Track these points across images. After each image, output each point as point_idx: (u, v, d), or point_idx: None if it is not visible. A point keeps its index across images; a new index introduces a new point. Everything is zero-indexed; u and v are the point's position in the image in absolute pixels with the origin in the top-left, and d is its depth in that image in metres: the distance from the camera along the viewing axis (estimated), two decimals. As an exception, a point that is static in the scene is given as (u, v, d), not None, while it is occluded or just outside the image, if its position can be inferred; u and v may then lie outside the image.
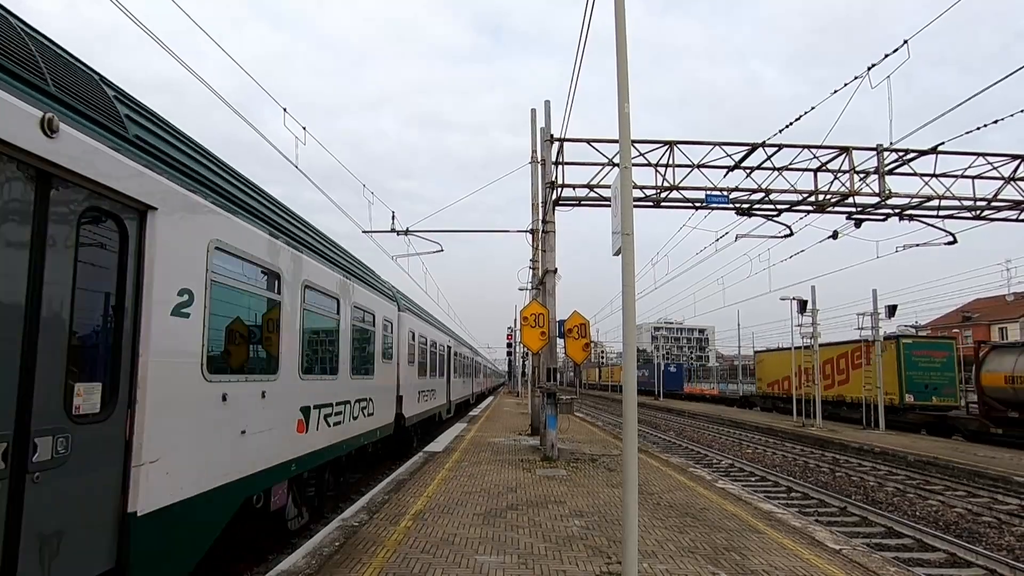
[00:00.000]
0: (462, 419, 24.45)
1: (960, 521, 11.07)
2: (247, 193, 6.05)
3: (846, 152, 14.61)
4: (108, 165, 3.70)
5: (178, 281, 4.42)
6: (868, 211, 15.29)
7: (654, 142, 14.48)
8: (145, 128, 4.40)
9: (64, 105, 3.48)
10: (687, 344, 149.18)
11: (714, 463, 18.07)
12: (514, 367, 57.56)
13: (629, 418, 4.83)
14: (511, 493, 9.14)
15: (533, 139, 15.83)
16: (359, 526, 7.02)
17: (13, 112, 3.03)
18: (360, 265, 10.74)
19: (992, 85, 10.39)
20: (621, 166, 5.07)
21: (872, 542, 9.22)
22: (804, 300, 26.73)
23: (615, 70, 4.93)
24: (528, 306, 13.96)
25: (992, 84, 10.41)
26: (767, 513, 8.28)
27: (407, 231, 17.06)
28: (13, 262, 3.08)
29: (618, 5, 4.92)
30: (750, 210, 15.18)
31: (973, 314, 63.38)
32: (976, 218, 15.47)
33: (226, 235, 5.24)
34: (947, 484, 14.41)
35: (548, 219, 14.51)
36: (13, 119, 3.02)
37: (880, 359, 25.71)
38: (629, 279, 4.95)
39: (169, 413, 4.26)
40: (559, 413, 13.51)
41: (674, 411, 41.36)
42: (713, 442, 23.96)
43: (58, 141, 3.29)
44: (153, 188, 4.16)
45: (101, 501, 3.66)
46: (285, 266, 6.58)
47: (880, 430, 24.70)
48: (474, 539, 6.56)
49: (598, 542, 6.54)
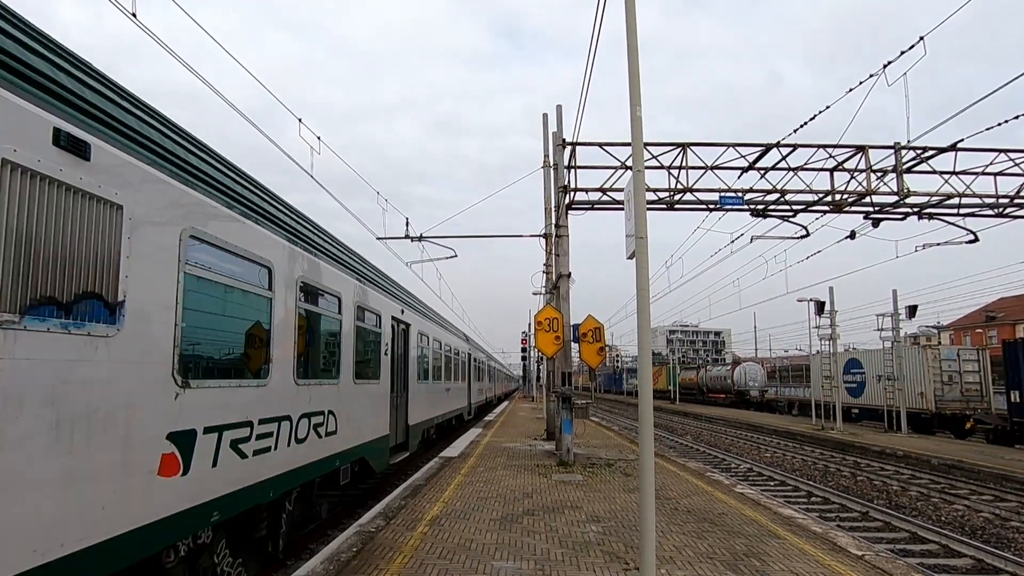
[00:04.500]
0: (478, 424, 24.46)
1: (987, 526, 10.82)
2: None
3: (862, 151, 14.41)
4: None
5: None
6: (886, 210, 15.06)
7: (667, 144, 14.41)
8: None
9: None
10: (703, 347, 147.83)
11: (732, 467, 17.87)
12: (529, 371, 57.51)
13: (645, 421, 4.79)
14: (527, 498, 9.11)
15: (545, 143, 15.86)
16: (376, 532, 7.04)
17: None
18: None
19: (1015, 79, 10.17)
20: (634, 169, 5.06)
21: (896, 548, 9.05)
22: (822, 301, 26.39)
23: (627, 74, 4.93)
24: (542, 310, 13.95)
25: (1015, 78, 10.20)
26: (787, 518, 8.16)
27: (421, 237, 17.14)
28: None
29: (629, 10, 4.92)
30: (765, 211, 15.03)
31: (997, 313, 62.09)
32: (999, 216, 15.15)
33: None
34: (973, 488, 14.11)
35: (561, 223, 14.50)
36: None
37: (902, 360, 25.16)
38: (644, 282, 4.93)
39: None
40: (574, 417, 13.46)
41: (691, 415, 40.97)
42: (731, 446, 23.70)
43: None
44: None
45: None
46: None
47: (903, 433, 24.26)
48: (490, 545, 6.54)
49: (615, 548, 6.49)
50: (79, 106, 3.64)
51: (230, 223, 5.22)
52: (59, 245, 3.30)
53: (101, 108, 3.87)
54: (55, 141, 3.28)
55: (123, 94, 4.39)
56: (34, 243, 3.14)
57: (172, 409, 4.23)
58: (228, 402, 5.08)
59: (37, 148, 3.17)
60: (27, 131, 3.14)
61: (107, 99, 4.04)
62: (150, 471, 3.99)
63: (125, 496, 3.73)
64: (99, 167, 3.63)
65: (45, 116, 3.27)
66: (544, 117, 16.06)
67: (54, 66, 3.63)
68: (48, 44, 3.74)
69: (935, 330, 67.51)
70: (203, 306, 4.76)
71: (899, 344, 25.95)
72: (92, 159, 3.56)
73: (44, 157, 3.21)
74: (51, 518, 3.17)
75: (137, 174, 3.99)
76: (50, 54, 3.67)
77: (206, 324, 4.85)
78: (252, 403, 5.49)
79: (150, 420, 4.00)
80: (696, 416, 39.41)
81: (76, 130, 3.46)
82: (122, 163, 3.86)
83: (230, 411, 5.08)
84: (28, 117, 3.16)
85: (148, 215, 4.07)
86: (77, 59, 4.02)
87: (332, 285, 7.81)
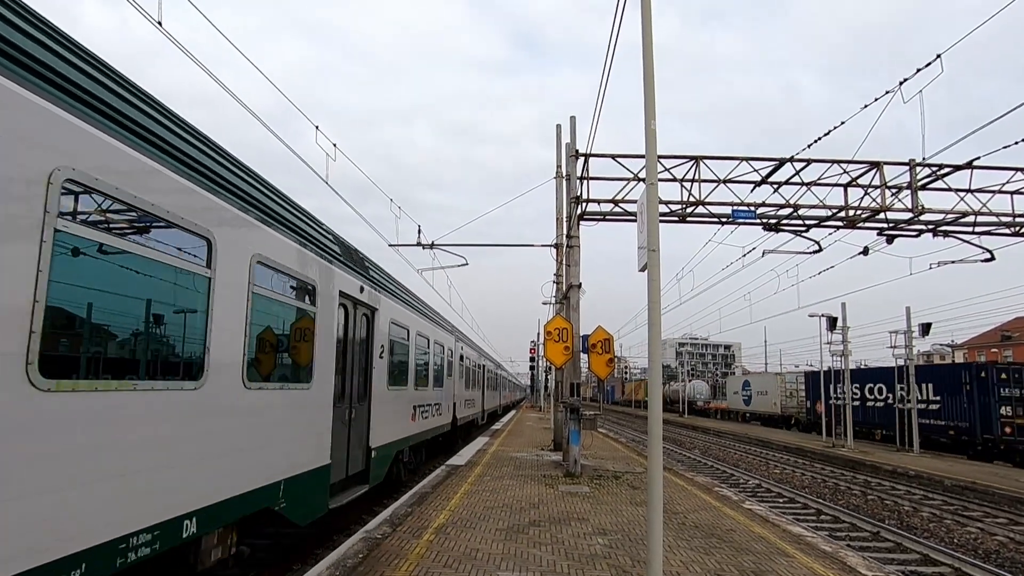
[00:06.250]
0: (484, 433, 24.40)
1: (1001, 550, 10.61)
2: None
3: (877, 167, 14.34)
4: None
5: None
6: (900, 227, 14.95)
7: (680, 157, 14.43)
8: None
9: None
10: (712, 360, 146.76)
11: (740, 483, 17.68)
12: (537, 381, 57.35)
13: (654, 434, 4.78)
14: (533, 509, 9.07)
15: (558, 154, 15.93)
16: (382, 538, 7.04)
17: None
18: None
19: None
20: (647, 182, 5.08)
21: (907, 569, 8.91)
22: (834, 317, 26.15)
23: (642, 87, 4.96)
24: (552, 320, 13.95)
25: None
26: (796, 536, 8.06)
27: (432, 245, 17.25)
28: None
29: (645, 24, 4.97)
30: (778, 225, 14.97)
31: (1013, 333, 61.20)
32: (1016, 234, 15.00)
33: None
34: (987, 511, 13.85)
35: (572, 234, 14.53)
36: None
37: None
38: (655, 295, 4.94)
39: None
40: (582, 429, 13.40)
41: (699, 428, 40.80)
42: (739, 461, 23.46)
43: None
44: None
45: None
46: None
47: (915, 452, 23.93)
48: (496, 555, 6.52)
49: (621, 561, 6.44)
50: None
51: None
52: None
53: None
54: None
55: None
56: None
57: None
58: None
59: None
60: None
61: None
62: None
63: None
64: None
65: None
66: (558, 128, 16.17)
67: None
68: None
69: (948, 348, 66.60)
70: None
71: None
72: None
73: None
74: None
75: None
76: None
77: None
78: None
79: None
80: (705, 430, 39.33)
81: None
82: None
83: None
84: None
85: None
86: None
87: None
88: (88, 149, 3.55)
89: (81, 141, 3.50)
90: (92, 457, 3.55)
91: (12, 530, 2.99)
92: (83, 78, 3.76)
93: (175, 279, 4.46)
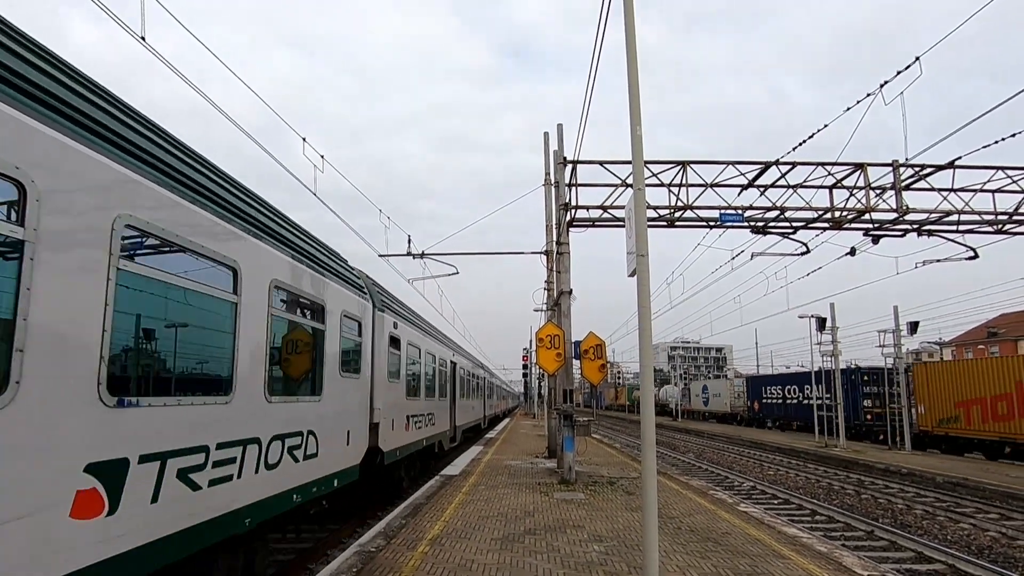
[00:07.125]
0: (478, 442, 24.28)
1: (994, 545, 10.69)
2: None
3: (861, 168, 14.51)
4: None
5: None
6: (886, 227, 15.12)
7: (667, 162, 14.52)
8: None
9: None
10: (704, 363, 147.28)
11: (735, 485, 17.70)
12: (530, 388, 57.25)
13: (648, 439, 4.78)
14: (528, 517, 9.02)
15: (546, 161, 15.98)
16: (376, 551, 6.97)
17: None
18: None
19: (1013, 97, 10.28)
20: (635, 187, 5.10)
21: (903, 568, 8.93)
22: (823, 317, 26.38)
23: (627, 94, 4.99)
24: (543, 327, 13.94)
25: (1012, 96, 10.31)
26: (792, 537, 8.07)
27: (422, 254, 17.21)
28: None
29: (629, 31, 5.01)
30: (765, 228, 15.09)
31: (999, 329, 61.94)
32: (998, 232, 15.22)
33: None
34: (979, 507, 13.96)
35: (562, 240, 14.56)
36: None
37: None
38: (645, 300, 4.95)
39: None
40: (576, 435, 13.38)
41: (692, 432, 40.88)
42: (734, 464, 23.51)
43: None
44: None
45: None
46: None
47: (906, 450, 24.13)
48: (491, 565, 6.47)
49: (618, 568, 6.41)
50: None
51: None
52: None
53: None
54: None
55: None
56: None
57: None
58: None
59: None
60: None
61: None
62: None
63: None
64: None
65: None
66: (545, 136, 16.22)
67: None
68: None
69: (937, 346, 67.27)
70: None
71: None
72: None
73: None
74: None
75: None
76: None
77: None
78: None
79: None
80: (699, 433, 39.41)
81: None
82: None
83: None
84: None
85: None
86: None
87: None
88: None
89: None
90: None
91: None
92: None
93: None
